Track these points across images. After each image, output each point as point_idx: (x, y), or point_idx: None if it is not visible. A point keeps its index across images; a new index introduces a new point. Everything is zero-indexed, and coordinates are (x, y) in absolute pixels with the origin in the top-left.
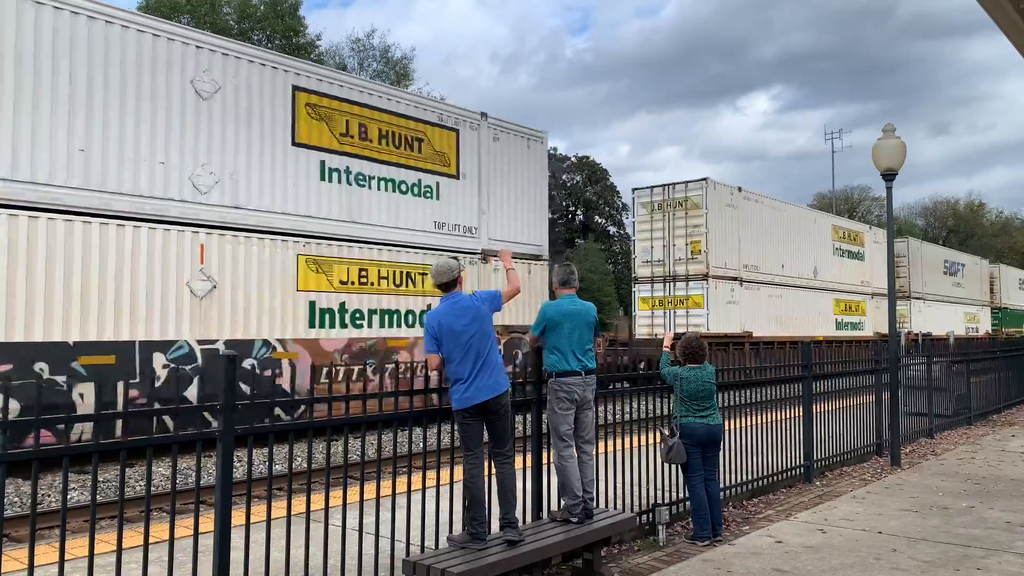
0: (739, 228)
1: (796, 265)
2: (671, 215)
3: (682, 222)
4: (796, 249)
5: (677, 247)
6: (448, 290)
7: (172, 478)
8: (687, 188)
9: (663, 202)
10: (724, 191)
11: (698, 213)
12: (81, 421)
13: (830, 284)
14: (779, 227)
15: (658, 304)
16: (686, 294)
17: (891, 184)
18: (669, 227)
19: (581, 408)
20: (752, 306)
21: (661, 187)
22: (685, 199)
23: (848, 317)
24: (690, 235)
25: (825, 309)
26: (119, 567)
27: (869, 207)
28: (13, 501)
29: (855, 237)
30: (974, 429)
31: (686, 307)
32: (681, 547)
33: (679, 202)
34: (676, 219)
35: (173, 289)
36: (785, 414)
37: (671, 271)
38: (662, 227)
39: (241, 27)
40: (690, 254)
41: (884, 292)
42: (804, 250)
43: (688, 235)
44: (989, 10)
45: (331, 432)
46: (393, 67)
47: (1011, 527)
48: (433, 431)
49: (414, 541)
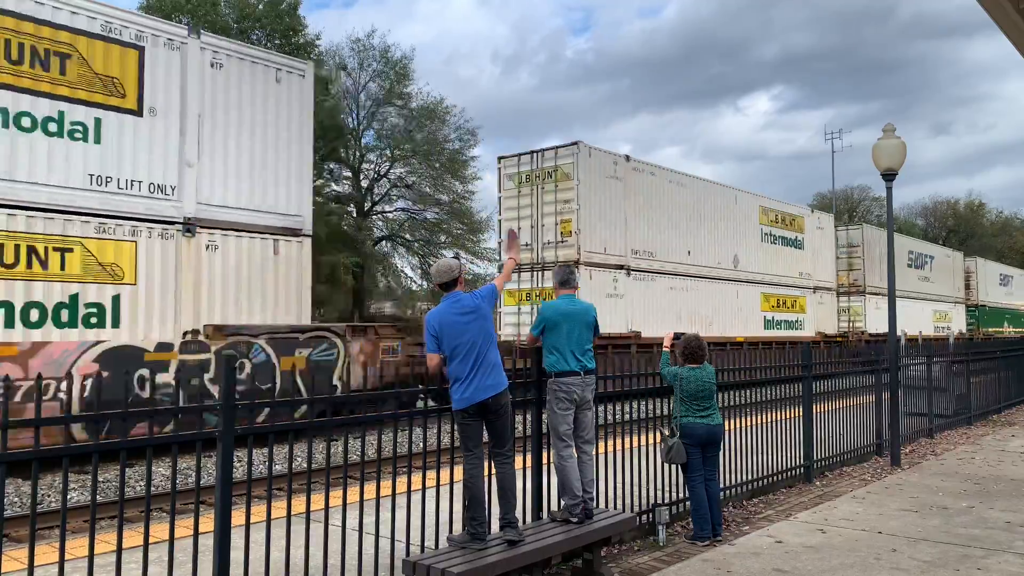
0: (626, 205)
1: (709, 252)
2: (540, 188)
3: (552, 197)
4: (710, 233)
5: (546, 227)
6: (448, 290)
7: (172, 478)
8: (557, 155)
9: (531, 173)
10: (603, 159)
11: (569, 185)
12: (79, 421)
13: (757, 276)
14: (685, 206)
15: (525, 298)
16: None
17: (891, 184)
18: (538, 203)
19: (581, 408)
20: (644, 301)
21: (529, 154)
22: (555, 168)
23: (782, 315)
24: (560, 212)
25: (749, 305)
26: (119, 567)
27: (869, 207)
28: (13, 501)
29: (792, 222)
30: (974, 429)
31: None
32: (681, 547)
33: (548, 172)
34: (545, 193)
35: None
36: (785, 414)
37: (539, 257)
38: (530, 203)
39: (241, 27)
40: (560, 236)
41: (828, 286)
42: (721, 235)
43: (558, 212)
44: (989, 10)
45: (331, 432)
46: (393, 67)
47: (1011, 527)
48: (433, 431)
49: (414, 541)
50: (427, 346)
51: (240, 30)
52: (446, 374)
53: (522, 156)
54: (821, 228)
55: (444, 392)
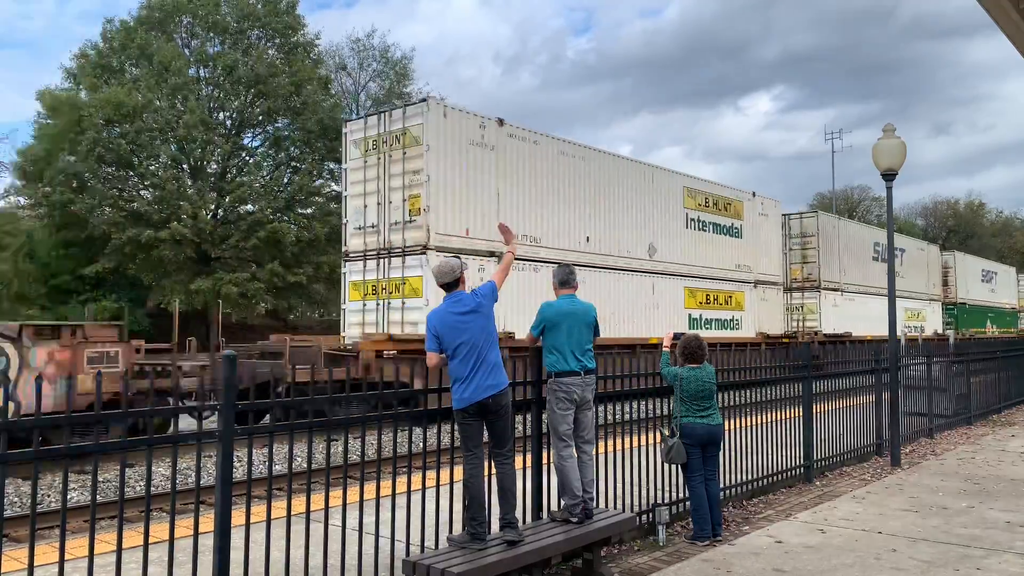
0: (499, 179)
1: (616, 239)
2: (387, 157)
3: (400, 167)
4: (618, 217)
5: (394, 204)
6: (451, 290)
7: (172, 478)
8: (405, 115)
9: (379, 138)
10: (465, 122)
11: (418, 151)
12: (80, 422)
13: (680, 268)
14: (583, 183)
15: (371, 291)
16: (402, 276)
17: (891, 184)
18: (384, 174)
19: (581, 408)
20: (521, 296)
21: (377, 115)
22: (403, 132)
23: (713, 312)
24: (408, 186)
25: (669, 301)
26: (119, 567)
27: (869, 207)
28: (13, 501)
29: (727, 206)
30: (974, 429)
31: (401, 296)
32: (681, 547)
33: (396, 136)
34: (393, 162)
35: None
36: (785, 414)
37: (386, 240)
38: (377, 175)
39: (241, 27)
40: (408, 215)
41: (772, 280)
42: (633, 219)
43: (406, 186)
44: (990, 11)
45: (331, 432)
46: (393, 67)
47: (1011, 527)
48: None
49: (414, 541)
50: (427, 345)
51: (240, 30)
52: (447, 373)
53: (369, 118)
54: (765, 215)
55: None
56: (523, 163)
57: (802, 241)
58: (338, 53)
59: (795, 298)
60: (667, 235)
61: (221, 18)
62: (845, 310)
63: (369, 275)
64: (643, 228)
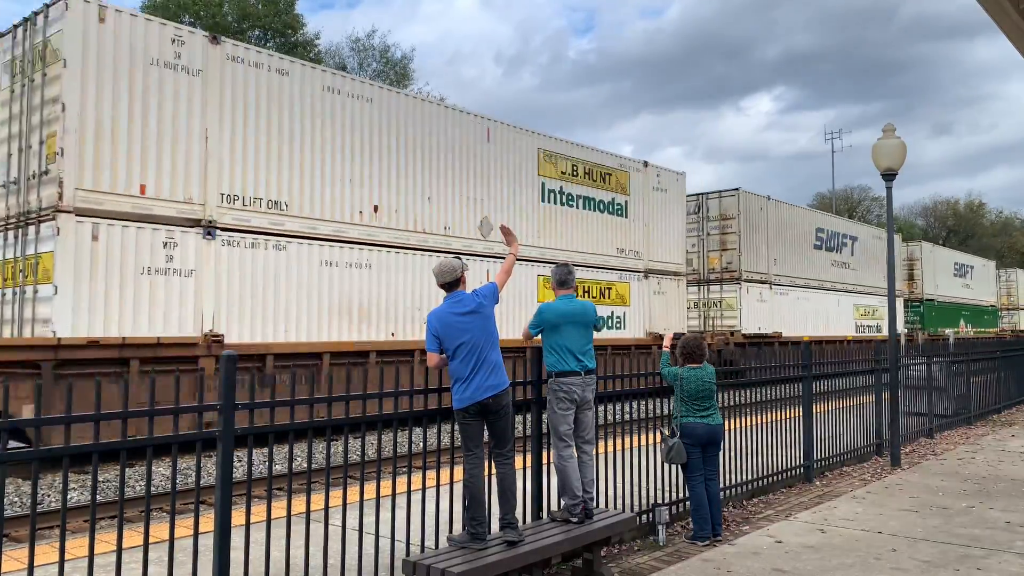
0: (203, 117)
1: (426, 211)
2: (30, 82)
3: (39, 96)
4: (431, 181)
5: (33, 150)
6: (451, 290)
7: (172, 478)
8: (48, 22)
9: (23, 58)
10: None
11: (57, 72)
12: (80, 422)
13: (533, 251)
14: (368, 133)
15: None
16: (35, 252)
17: (891, 184)
18: (26, 107)
19: (581, 408)
20: (244, 280)
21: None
22: (44, 45)
23: None
24: (46, 122)
25: (517, 295)
26: (119, 567)
27: (869, 207)
28: (13, 501)
29: (607, 177)
30: (974, 429)
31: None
32: (681, 547)
33: (39, 54)
34: (34, 89)
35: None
36: (785, 414)
37: (24, 202)
38: (19, 109)
39: (241, 26)
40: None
41: (671, 270)
42: (460, 186)
43: (44, 123)
44: (990, 11)
45: (331, 432)
46: (393, 67)
47: (1011, 527)
48: (433, 431)
49: (414, 541)
50: (428, 345)
51: (239, 30)
52: (448, 373)
53: (17, 31)
54: (663, 190)
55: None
56: (258, 98)
57: (721, 225)
58: (338, 53)
59: (712, 292)
60: (512, 209)
61: (222, 18)
62: (775, 306)
63: (8, 252)
64: (473, 198)
